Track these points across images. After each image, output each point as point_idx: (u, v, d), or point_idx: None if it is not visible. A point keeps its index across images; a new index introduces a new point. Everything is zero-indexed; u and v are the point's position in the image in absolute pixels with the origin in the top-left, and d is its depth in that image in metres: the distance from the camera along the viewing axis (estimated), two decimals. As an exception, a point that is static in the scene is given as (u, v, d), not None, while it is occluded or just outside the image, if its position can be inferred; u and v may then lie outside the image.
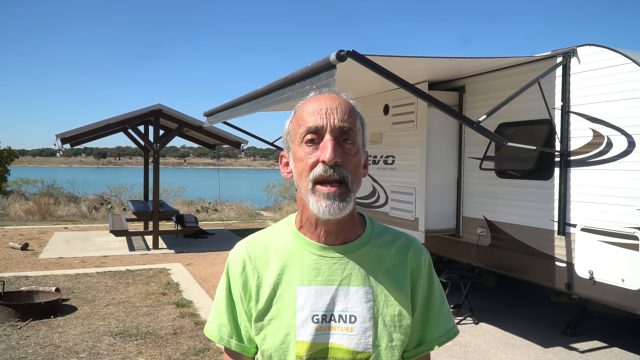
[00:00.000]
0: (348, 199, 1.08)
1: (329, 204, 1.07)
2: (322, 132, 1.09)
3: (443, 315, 1.24)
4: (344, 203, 1.08)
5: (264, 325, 1.15)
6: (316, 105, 1.12)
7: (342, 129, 1.09)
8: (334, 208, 1.07)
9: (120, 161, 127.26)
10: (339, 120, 1.09)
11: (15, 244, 9.56)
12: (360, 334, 1.12)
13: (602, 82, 4.50)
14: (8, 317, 5.35)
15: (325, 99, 1.13)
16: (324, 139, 1.09)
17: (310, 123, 1.10)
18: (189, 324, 5.41)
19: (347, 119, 1.10)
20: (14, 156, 17.47)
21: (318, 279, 1.14)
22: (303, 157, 1.11)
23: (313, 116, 1.10)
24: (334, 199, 1.07)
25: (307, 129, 1.10)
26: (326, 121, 1.09)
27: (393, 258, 1.19)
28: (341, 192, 1.08)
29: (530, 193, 5.17)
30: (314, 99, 1.15)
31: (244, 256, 1.21)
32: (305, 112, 1.12)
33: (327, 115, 1.09)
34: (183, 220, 10.79)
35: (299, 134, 1.12)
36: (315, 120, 1.10)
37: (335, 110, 1.10)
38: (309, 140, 1.10)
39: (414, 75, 5.56)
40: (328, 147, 1.06)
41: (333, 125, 1.09)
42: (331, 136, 1.08)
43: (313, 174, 1.08)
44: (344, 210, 1.08)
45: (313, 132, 1.10)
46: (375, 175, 7.01)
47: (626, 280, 4.19)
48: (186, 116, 10.38)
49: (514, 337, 5.26)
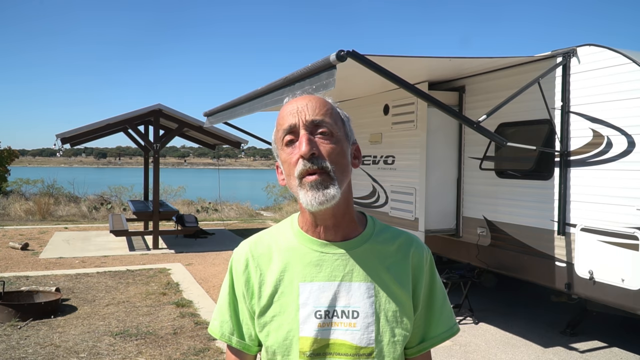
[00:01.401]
0: (331, 186, 1.10)
1: (314, 192, 1.09)
2: (297, 130, 1.13)
3: (445, 313, 1.26)
4: (328, 190, 1.10)
5: (267, 322, 1.17)
6: (289, 107, 1.16)
7: (315, 122, 1.13)
8: (319, 196, 1.09)
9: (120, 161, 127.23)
10: (310, 114, 1.13)
11: (16, 244, 9.56)
12: (362, 329, 1.14)
13: (602, 82, 4.50)
14: (8, 317, 5.35)
15: (296, 100, 1.17)
16: (299, 135, 1.12)
17: (285, 124, 1.14)
18: (189, 324, 5.41)
19: (319, 112, 1.14)
20: (14, 156, 17.46)
21: (320, 275, 1.16)
22: (286, 158, 1.15)
23: (287, 117, 1.14)
24: (317, 188, 1.09)
25: (284, 131, 1.14)
26: (298, 118, 1.13)
27: (394, 255, 1.21)
28: (322, 179, 1.10)
29: (530, 193, 5.17)
30: (288, 103, 1.19)
31: (247, 254, 1.23)
32: (281, 116, 1.17)
33: (299, 113, 1.13)
34: (183, 220, 10.80)
35: (279, 139, 1.16)
36: (289, 120, 1.14)
37: (305, 107, 1.14)
38: (288, 141, 1.14)
39: (414, 75, 5.56)
40: (303, 142, 1.10)
41: (305, 121, 1.12)
42: (305, 131, 1.12)
43: (297, 171, 1.11)
44: (330, 197, 1.10)
45: (290, 133, 1.14)
46: (375, 175, 7.01)
47: (626, 280, 4.19)
48: (186, 116, 10.38)
49: (514, 337, 5.26)
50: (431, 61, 5.06)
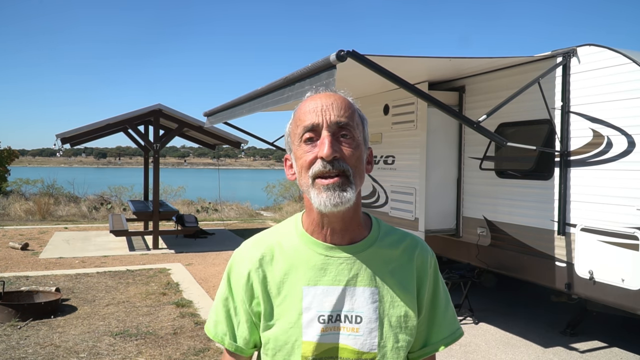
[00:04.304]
0: (349, 189, 1.08)
1: (330, 194, 1.07)
2: (319, 130, 1.09)
3: (448, 317, 1.24)
4: (345, 193, 1.07)
5: (269, 325, 1.15)
6: (312, 104, 1.12)
7: (339, 124, 1.09)
8: (335, 198, 1.06)
9: (120, 161, 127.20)
10: (335, 115, 1.10)
11: (16, 244, 9.56)
12: (366, 335, 1.12)
13: (602, 82, 4.50)
14: (8, 317, 5.35)
15: (320, 97, 1.13)
16: (321, 136, 1.09)
17: (307, 122, 1.10)
18: (189, 324, 5.41)
19: (344, 114, 1.11)
20: (14, 156, 17.47)
21: (324, 279, 1.14)
22: (302, 155, 1.11)
23: (309, 115, 1.11)
24: (334, 189, 1.07)
25: (304, 128, 1.11)
26: (322, 118, 1.09)
27: (399, 259, 1.19)
28: (341, 182, 1.07)
29: (530, 193, 5.17)
30: (310, 98, 1.15)
31: (248, 256, 1.20)
32: (302, 112, 1.13)
33: (323, 112, 1.10)
34: (183, 220, 10.80)
35: (297, 134, 1.13)
36: (311, 118, 1.10)
37: (331, 107, 1.11)
38: (307, 139, 1.11)
39: (414, 75, 5.56)
40: (325, 143, 1.07)
41: (329, 121, 1.09)
42: (328, 132, 1.09)
43: (312, 170, 1.08)
44: (345, 200, 1.07)
45: (310, 130, 1.10)
46: (375, 175, 7.01)
47: (626, 280, 4.19)
48: (186, 116, 10.37)
49: (514, 337, 5.25)
50: (431, 61, 5.06)
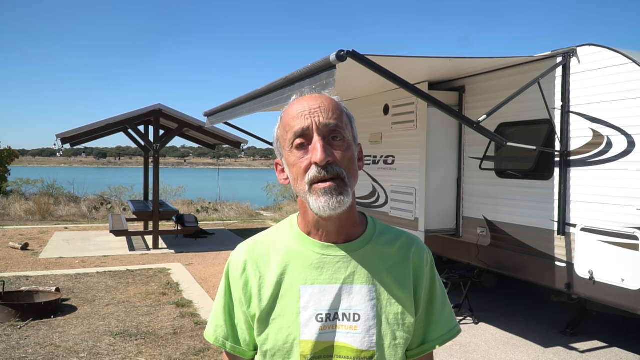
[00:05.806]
0: (346, 193, 1.08)
1: (328, 199, 1.07)
2: (310, 134, 1.09)
3: (445, 314, 1.24)
4: (342, 196, 1.08)
5: (267, 325, 1.15)
6: (299, 108, 1.12)
7: (329, 127, 1.09)
8: (333, 202, 1.07)
9: (120, 161, 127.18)
10: (325, 118, 1.09)
11: (16, 244, 9.56)
12: (364, 333, 1.12)
13: (602, 82, 4.50)
14: (8, 317, 5.35)
15: (307, 99, 1.13)
16: (313, 141, 1.09)
17: (296, 127, 1.10)
18: (189, 324, 5.41)
19: (332, 115, 1.10)
20: (14, 156, 17.47)
21: (321, 278, 1.14)
22: (295, 162, 1.10)
23: (298, 119, 1.10)
24: (332, 194, 1.07)
25: (294, 134, 1.10)
26: (311, 121, 1.09)
27: (395, 256, 1.19)
28: (337, 185, 1.07)
29: (530, 193, 5.17)
30: (296, 101, 1.14)
31: (245, 257, 1.20)
32: (290, 117, 1.12)
33: (312, 115, 1.09)
34: (183, 220, 10.80)
35: (288, 140, 1.12)
36: (300, 123, 1.09)
37: (318, 110, 1.10)
38: (298, 145, 1.10)
39: (414, 75, 5.56)
40: (318, 148, 1.06)
41: (319, 125, 1.09)
42: (319, 136, 1.08)
43: (308, 177, 1.08)
44: (343, 204, 1.08)
45: (301, 136, 1.09)
46: (375, 175, 7.01)
47: (626, 280, 4.19)
48: (186, 116, 10.38)
49: (514, 337, 5.26)
50: (431, 61, 5.06)
